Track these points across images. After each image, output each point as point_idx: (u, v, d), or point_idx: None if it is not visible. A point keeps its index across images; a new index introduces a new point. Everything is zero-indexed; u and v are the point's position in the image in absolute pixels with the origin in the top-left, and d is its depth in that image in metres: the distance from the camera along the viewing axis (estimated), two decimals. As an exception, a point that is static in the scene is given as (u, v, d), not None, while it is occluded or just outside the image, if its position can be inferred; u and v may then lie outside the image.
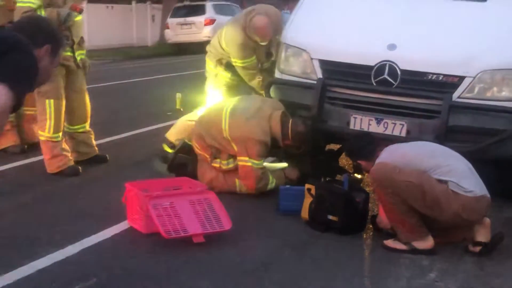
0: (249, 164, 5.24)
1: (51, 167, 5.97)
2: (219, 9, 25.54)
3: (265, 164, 5.46)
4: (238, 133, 5.27)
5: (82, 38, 6.17)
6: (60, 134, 5.99)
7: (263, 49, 6.49)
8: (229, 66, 6.53)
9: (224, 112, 5.37)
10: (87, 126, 6.37)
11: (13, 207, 5.15)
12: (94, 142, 6.50)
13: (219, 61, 6.58)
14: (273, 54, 6.51)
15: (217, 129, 5.37)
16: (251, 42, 6.34)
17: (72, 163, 6.06)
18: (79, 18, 5.99)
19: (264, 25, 6.21)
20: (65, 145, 6.08)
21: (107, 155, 6.55)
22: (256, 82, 6.49)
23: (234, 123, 5.29)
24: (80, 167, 6.08)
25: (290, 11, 9.45)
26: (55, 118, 5.90)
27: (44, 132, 5.93)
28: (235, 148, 5.32)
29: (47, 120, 5.89)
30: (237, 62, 6.43)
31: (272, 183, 5.37)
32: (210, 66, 6.68)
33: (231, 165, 5.47)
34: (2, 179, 6.05)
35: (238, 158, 5.32)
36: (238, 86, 6.69)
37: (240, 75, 6.53)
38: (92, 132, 6.47)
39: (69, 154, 6.08)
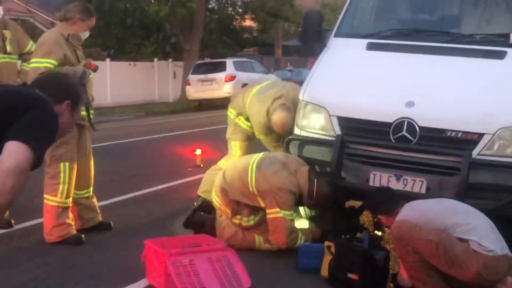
0: (280, 215, 5.21)
1: (53, 236, 5.67)
2: (239, 66, 25.87)
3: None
4: (266, 186, 5.28)
5: (92, 97, 6.09)
6: (70, 199, 5.75)
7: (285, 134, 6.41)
8: (248, 119, 6.54)
9: (250, 166, 5.41)
10: (91, 190, 6.11)
11: (32, 267, 5.16)
12: (98, 208, 6.21)
13: (241, 114, 6.59)
14: None
15: (243, 183, 5.39)
16: (271, 124, 6.27)
17: (74, 231, 5.76)
18: (91, 75, 5.90)
19: (282, 124, 6.12)
20: (70, 213, 5.78)
21: (111, 222, 6.26)
22: (280, 150, 6.36)
23: (261, 177, 5.31)
24: (83, 236, 5.77)
25: (309, 66, 9.47)
26: (69, 182, 5.69)
27: (55, 197, 5.65)
28: (262, 203, 5.34)
29: (60, 185, 5.64)
30: (258, 135, 6.52)
31: (301, 239, 5.32)
32: (232, 114, 6.70)
33: (251, 222, 5.48)
34: (21, 239, 6.00)
35: (268, 211, 5.29)
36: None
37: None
38: (95, 197, 6.19)
39: (73, 223, 5.80)
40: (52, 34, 5.85)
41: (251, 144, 6.78)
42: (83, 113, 5.79)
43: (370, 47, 5.82)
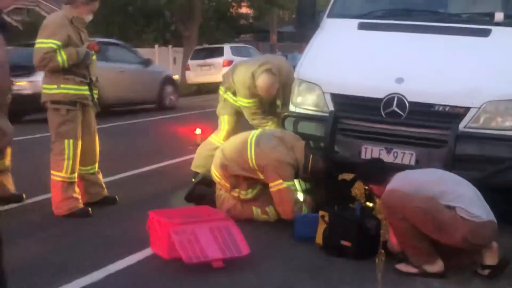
0: (284, 185, 5.23)
1: (61, 209, 5.70)
2: (236, 51, 25.74)
3: None
4: (266, 161, 5.28)
5: (96, 78, 6.01)
6: (76, 175, 5.77)
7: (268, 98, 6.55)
8: (235, 94, 6.63)
9: (249, 143, 5.41)
10: (96, 166, 6.11)
11: (44, 237, 5.21)
12: (103, 183, 6.24)
13: (229, 88, 6.69)
14: (279, 106, 6.60)
15: (243, 159, 5.39)
16: (257, 90, 6.39)
17: (81, 205, 5.79)
18: (94, 56, 5.90)
19: (267, 86, 6.25)
20: (76, 188, 5.82)
21: (116, 197, 6.26)
22: (256, 122, 6.57)
23: (260, 152, 5.32)
24: (90, 209, 5.80)
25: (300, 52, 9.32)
26: (73, 158, 5.70)
27: (60, 173, 5.67)
28: (261, 176, 5.36)
29: (65, 161, 5.65)
30: (241, 101, 6.54)
31: (304, 209, 5.32)
32: (221, 91, 6.81)
33: (249, 195, 5.51)
34: (33, 212, 6.03)
35: (271, 184, 5.29)
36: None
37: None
38: (100, 173, 6.21)
39: (79, 197, 5.83)
40: (56, 17, 5.85)
41: (241, 121, 6.87)
42: (87, 92, 5.80)
43: (361, 26, 5.82)
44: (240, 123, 6.86)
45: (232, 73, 6.71)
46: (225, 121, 6.78)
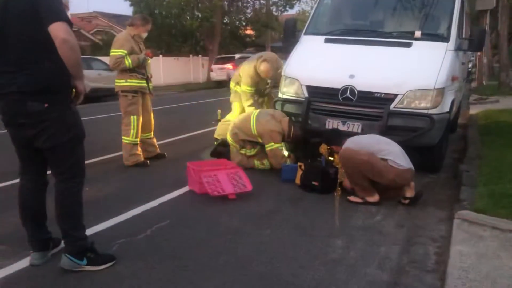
0: (275, 146, 5.26)
1: (129, 161, 5.67)
2: (243, 59, 25.42)
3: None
4: (263, 130, 5.29)
5: (151, 74, 5.91)
6: (138, 139, 5.72)
7: (265, 80, 6.49)
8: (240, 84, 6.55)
9: (251, 118, 5.42)
10: (152, 134, 6.03)
11: (117, 180, 5.22)
12: (156, 144, 6.16)
13: (237, 82, 6.60)
14: (269, 83, 6.57)
15: (248, 128, 5.39)
16: (257, 76, 6.33)
17: (142, 159, 5.76)
18: (149, 61, 5.82)
19: (267, 70, 6.22)
20: (139, 147, 5.77)
21: (165, 153, 6.20)
22: (247, 104, 6.43)
23: (259, 124, 5.32)
24: (148, 161, 5.77)
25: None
26: (136, 128, 5.66)
27: (128, 137, 5.65)
28: (260, 140, 5.35)
29: (131, 130, 5.62)
30: (243, 87, 6.45)
31: (288, 161, 5.34)
32: (232, 85, 6.72)
33: (252, 152, 5.50)
34: (111, 163, 6.03)
35: (266, 145, 5.30)
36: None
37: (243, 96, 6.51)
38: (155, 138, 6.12)
39: (141, 153, 5.79)
40: (122, 34, 5.78)
41: None
42: (145, 84, 5.76)
43: (327, 41, 5.74)
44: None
45: (238, 69, 6.63)
46: (236, 106, 6.72)
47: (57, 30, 2.55)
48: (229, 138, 5.66)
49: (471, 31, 5.78)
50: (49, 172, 2.98)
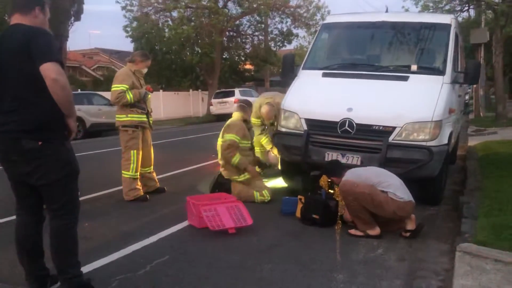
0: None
1: (128, 196, 5.65)
2: (243, 93, 25.60)
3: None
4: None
5: (151, 109, 5.95)
6: (138, 173, 5.72)
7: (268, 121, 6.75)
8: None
9: None
10: (152, 168, 6.02)
11: (117, 215, 5.19)
12: (156, 178, 6.14)
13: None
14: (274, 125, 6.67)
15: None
16: (261, 114, 6.65)
17: (142, 193, 5.74)
18: (150, 96, 5.87)
19: (265, 113, 6.49)
20: (138, 182, 5.77)
21: (165, 187, 6.18)
22: (256, 133, 6.79)
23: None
24: (148, 196, 5.75)
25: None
26: (136, 163, 5.65)
27: (128, 172, 5.64)
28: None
29: (131, 164, 5.62)
30: (252, 120, 6.59)
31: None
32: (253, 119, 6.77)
33: (246, 177, 5.61)
34: (110, 198, 5.98)
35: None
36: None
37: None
38: (154, 172, 6.11)
39: (141, 188, 5.78)
40: (123, 70, 5.87)
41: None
42: (145, 119, 5.80)
43: (324, 75, 5.84)
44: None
45: (256, 105, 6.75)
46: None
47: (48, 70, 2.58)
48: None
49: (466, 65, 5.86)
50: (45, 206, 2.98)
